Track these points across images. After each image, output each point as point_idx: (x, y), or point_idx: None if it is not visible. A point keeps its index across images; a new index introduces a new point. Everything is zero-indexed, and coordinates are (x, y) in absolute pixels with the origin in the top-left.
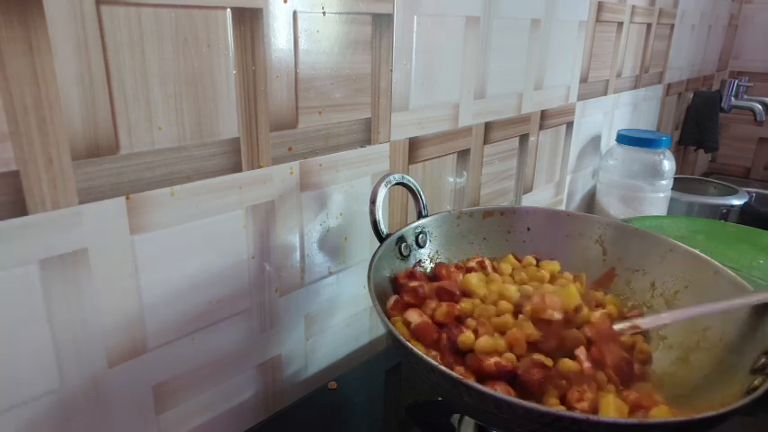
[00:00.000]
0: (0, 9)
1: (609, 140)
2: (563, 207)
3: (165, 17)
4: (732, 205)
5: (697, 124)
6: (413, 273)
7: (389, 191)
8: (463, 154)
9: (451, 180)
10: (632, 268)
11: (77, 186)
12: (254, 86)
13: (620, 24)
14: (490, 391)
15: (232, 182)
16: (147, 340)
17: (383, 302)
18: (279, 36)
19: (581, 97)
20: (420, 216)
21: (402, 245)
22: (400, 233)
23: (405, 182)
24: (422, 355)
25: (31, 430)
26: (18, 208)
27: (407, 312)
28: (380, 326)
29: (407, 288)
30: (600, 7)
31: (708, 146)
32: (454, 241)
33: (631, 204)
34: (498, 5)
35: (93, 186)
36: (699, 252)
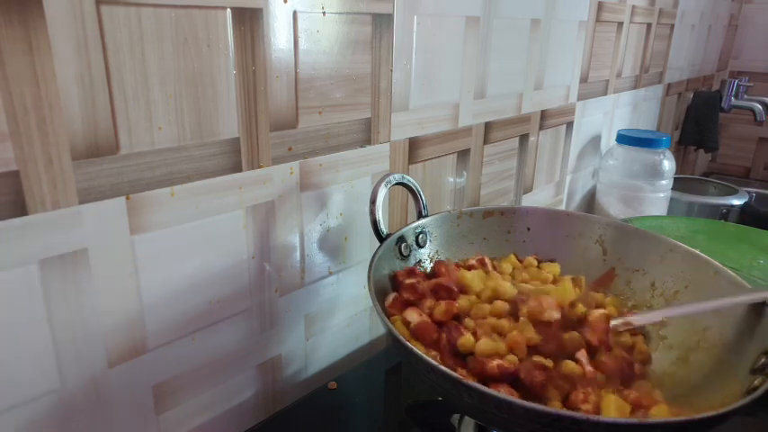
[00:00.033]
0: (0, 9)
1: (609, 140)
2: (563, 207)
3: (165, 17)
4: (732, 205)
5: (697, 124)
6: (412, 270)
7: (389, 191)
8: (463, 154)
9: (451, 180)
10: (632, 268)
11: (77, 186)
12: (254, 86)
13: (620, 24)
14: (490, 391)
15: (232, 182)
16: (147, 340)
17: (382, 301)
18: (279, 36)
19: (581, 97)
20: (420, 216)
21: (402, 245)
22: (400, 233)
23: (405, 182)
24: (422, 355)
25: (31, 430)
26: (18, 208)
27: (407, 312)
28: (380, 326)
29: (406, 285)
30: (600, 7)
31: (708, 146)
32: (454, 241)
33: (631, 204)
34: (498, 5)
35: (93, 186)
36: (699, 252)
